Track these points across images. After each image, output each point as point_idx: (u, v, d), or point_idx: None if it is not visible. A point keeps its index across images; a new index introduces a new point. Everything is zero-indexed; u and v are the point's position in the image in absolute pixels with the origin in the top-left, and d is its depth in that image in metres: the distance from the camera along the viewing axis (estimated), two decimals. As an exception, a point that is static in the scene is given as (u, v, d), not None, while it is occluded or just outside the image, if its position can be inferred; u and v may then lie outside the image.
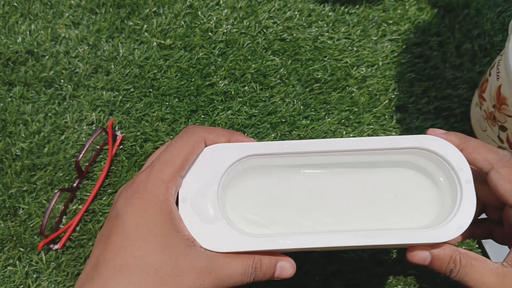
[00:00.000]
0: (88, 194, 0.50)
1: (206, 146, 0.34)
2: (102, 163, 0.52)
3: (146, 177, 0.32)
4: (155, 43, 0.58)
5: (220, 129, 0.35)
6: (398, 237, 0.32)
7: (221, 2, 0.61)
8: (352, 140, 0.34)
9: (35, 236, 0.48)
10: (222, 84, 0.56)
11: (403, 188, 0.35)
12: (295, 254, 0.35)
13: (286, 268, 0.33)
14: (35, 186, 0.50)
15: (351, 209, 0.35)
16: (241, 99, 0.56)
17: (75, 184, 0.50)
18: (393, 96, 0.56)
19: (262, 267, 0.32)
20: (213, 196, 0.33)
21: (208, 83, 0.57)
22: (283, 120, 0.54)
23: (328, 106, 0.56)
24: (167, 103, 0.55)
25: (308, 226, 0.34)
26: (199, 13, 0.60)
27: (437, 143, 0.34)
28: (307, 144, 0.34)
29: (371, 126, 0.55)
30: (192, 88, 0.56)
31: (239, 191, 0.35)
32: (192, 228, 0.32)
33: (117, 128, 0.54)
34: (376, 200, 0.35)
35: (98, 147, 0.52)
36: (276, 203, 0.35)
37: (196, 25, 0.59)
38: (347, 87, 0.57)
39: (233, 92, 0.56)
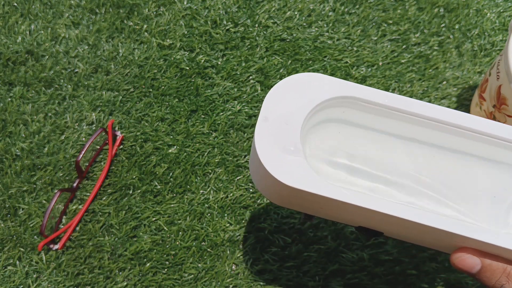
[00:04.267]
0: (88, 194, 0.50)
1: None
2: (102, 163, 0.52)
3: None
4: (155, 43, 0.58)
5: None
6: (503, 239, 0.27)
7: (220, 2, 0.61)
8: (472, 118, 0.29)
9: (35, 236, 0.48)
10: (222, 84, 0.56)
11: (506, 190, 0.30)
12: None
13: None
14: (35, 186, 0.50)
15: (441, 193, 0.30)
16: (241, 99, 0.56)
17: (75, 184, 0.50)
18: (393, 96, 0.56)
19: None
20: (298, 126, 0.29)
21: (208, 83, 0.57)
22: (283, 120, 0.54)
23: (328, 106, 0.56)
24: (167, 103, 0.55)
25: (390, 195, 0.30)
26: (199, 13, 0.60)
27: None
28: (411, 103, 0.30)
29: (371, 126, 0.55)
30: (192, 88, 0.56)
31: (321, 135, 0.31)
32: (263, 151, 0.28)
33: (117, 128, 0.54)
34: (468, 194, 0.30)
35: (98, 147, 0.52)
36: (357, 161, 0.30)
37: (196, 25, 0.59)
38: (347, 87, 0.57)
39: (233, 92, 0.56)
